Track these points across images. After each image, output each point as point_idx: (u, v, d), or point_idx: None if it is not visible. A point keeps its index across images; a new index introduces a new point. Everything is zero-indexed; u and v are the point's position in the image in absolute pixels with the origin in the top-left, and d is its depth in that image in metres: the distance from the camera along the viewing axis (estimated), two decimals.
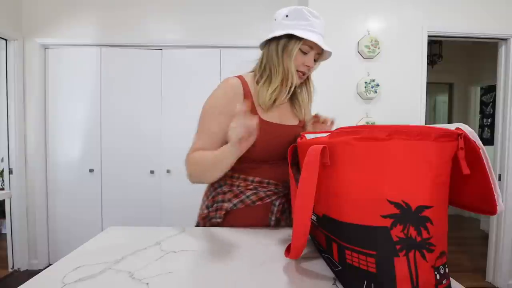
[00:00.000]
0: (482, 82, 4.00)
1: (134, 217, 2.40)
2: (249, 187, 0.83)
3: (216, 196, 0.87)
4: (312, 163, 0.46)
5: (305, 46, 0.80)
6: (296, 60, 0.81)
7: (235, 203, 0.83)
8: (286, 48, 0.81)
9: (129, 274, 0.51)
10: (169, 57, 2.41)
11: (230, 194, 0.84)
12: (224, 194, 0.85)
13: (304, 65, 0.82)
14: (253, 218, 0.83)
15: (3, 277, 2.29)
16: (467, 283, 2.29)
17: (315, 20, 0.80)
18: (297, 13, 0.79)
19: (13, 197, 2.28)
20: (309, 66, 0.83)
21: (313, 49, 0.81)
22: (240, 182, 0.84)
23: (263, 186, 0.84)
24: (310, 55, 0.82)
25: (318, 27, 0.80)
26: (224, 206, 0.83)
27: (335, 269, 0.50)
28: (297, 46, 0.79)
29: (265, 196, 0.83)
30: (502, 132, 2.29)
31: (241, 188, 0.84)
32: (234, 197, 0.84)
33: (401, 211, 0.38)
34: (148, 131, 2.43)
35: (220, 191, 0.86)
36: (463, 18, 2.15)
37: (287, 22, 0.80)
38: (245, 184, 0.84)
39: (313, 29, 0.79)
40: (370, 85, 2.05)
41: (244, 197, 0.83)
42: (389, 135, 0.39)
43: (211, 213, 0.85)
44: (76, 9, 2.38)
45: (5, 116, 2.31)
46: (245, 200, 0.83)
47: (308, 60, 0.82)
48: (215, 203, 0.86)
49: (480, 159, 0.40)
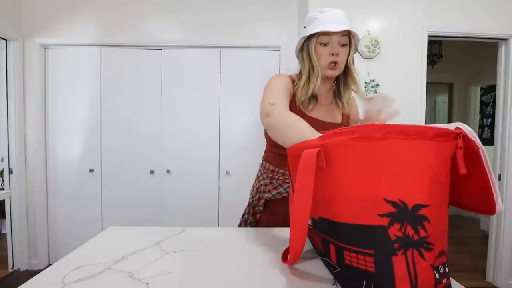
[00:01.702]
0: (482, 82, 4.00)
1: (134, 217, 2.40)
2: (286, 180, 0.93)
3: (259, 187, 0.97)
4: (307, 167, 0.46)
5: (322, 38, 0.85)
6: (320, 55, 0.86)
7: (274, 194, 0.92)
8: (307, 50, 0.88)
9: (129, 274, 0.51)
10: (169, 57, 2.41)
11: (271, 186, 0.94)
12: (266, 185, 0.95)
13: (329, 54, 0.86)
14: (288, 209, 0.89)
15: (3, 277, 2.29)
16: (467, 283, 2.29)
17: (323, 14, 0.85)
18: (308, 19, 0.88)
19: (13, 197, 2.29)
20: (335, 53, 0.85)
21: (331, 36, 0.85)
22: (280, 176, 0.93)
23: None
24: (332, 44, 0.86)
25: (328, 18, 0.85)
26: (265, 196, 0.93)
27: (333, 271, 0.49)
28: (313, 41, 0.86)
29: None
30: (502, 132, 2.29)
31: (280, 182, 0.93)
32: (273, 189, 0.93)
33: (398, 210, 0.38)
34: (148, 131, 2.43)
35: (263, 183, 0.96)
36: (463, 18, 2.15)
37: (305, 31, 0.89)
38: (283, 178, 0.93)
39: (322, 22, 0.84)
40: (370, 85, 2.05)
41: (282, 189, 0.92)
42: (385, 134, 0.39)
43: (254, 202, 0.95)
44: (76, 9, 2.38)
45: (5, 116, 2.31)
46: (282, 192, 0.92)
47: (331, 49, 0.86)
48: (258, 193, 0.96)
49: (479, 158, 0.40)
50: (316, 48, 0.86)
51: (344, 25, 0.83)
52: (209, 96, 2.42)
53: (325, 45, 0.85)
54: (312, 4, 2.06)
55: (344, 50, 0.87)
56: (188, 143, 2.42)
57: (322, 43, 0.85)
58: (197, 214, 2.38)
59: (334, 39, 0.85)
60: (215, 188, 2.40)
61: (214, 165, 2.42)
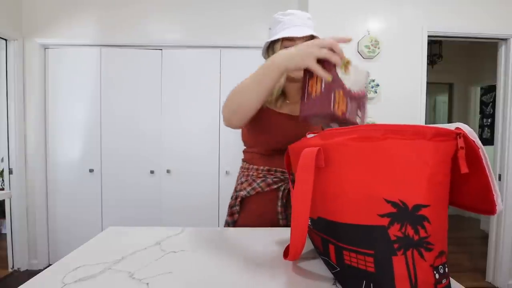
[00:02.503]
0: (482, 82, 4.00)
1: (134, 217, 2.40)
2: (259, 175, 0.92)
3: (237, 187, 0.97)
4: (307, 166, 0.46)
5: (286, 43, 0.85)
6: None
7: (249, 190, 0.91)
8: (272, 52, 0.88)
9: (129, 274, 0.51)
10: (169, 57, 2.41)
11: (246, 183, 0.93)
12: (241, 184, 0.95)
13: None
14: (263, 204, 0.90)
15: (3, 277, 2.29)
16: (467, 283, 2.30)
17: (286, 18, 0.85)
18: (272, 21, 0.88)
19: (13, 197, 2.29)
20: None
21: (295, 41, 0.84)
22: (253, 172, 0.93)
23: (271, 173, 0.91)
24: None
25: (291, 22, 0.84)
26: (240, 194, 0.93)
27: (333, 271, 0.50)
28: (278, 46, 0.85)
29: (272, 182, 0.90)
30: (502, 132, 2.29)
31: (253, 177, 0.92)
32: (248, 185, 0.92)
33: (398, 210, 0.38)
34: (148, 131, 2.43)
35: (239, 182, 0.96)
36: (463, 18, 2.15)
37: (270, 34, 0.88)
38: (256, 173, 0.92)
39: (286, 26, 0.84)
40: (370, 85, 2.05)
41: (256, 184, 0.91)
42: (384, 134, 0.39)
43: (232, 202, 0.95)
44: (76, 9, 2.38)
45: (5, 116, 2.31)
46: (256, 187, 0.91)
47: None
48: (236, 192, 0.96)
49: (479, 158, 0.40)
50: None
51: (308, 29, 0.83)
52: (209, 96, 2.42)
53: None
54: (312, 5, 2.06)
55: None
56: (188, 143, 2.42)
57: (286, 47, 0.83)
58: (197, 214, 2.38)
59: (298, 43, 0.83)
60: (215, 188, 2.41)
61: (214, 165, 2.42)
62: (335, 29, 2.07)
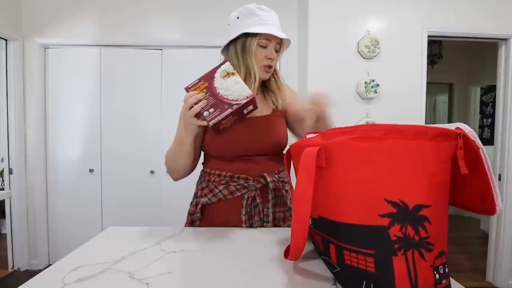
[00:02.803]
0: (482, 82, 4.00)
1: (134, 217, 2.40)
2: (221, 182, 0.86)
3: (197, 192, 0.91)
4: (308, 165, 0.46)
5: (262, 40, 0.82)
6: (257, 55, 0.83)
7: (210, 197, 0.86)
8: (244, 47, 0.83)
9: (129, 274, 0.51)
10: (169, 57, 2.41)
11: (207, 189, 0.88)
12: (202, 189, 0.89)
13: (267, 58, 0.84)
14: (226, 212, 0.85)
15: (3, 277, 2.29)
16: (467, 283, 2.30)
17: (265, 13, 0.82)
18: (247, 12, 0.83)
19: (13, 197, 2.29)
20: (272, 58, 0.84)
21: (271, 41, 0.83)
22: (215, 178, 0.87)
23: (234, 180, 0.85)
24: (270, 48, 0.83)
25: (270, 19, 0.82)
26: (201, 201, 0.87)
27: (333, 270, 0.50)
28: (254, 42, 0.82)
29: (235, 190, 0.85)
30: (502, 132, 2.29)
31: (215, 183, 0.87)
32: (209, 192, 0.87)
33: (398, 210, 0.38)
34: (148, 131, 2.43)
35: (200, 187, 0.91)
36: (463, 18, 2.15)
37: (239, 23, 0.83)
38: (218, 180, 0.87)
39: (265, 21, 0.81)
40: (370, 85, 2.05)
41: (217, 191, 0.86)
42: (385, 134, 0.39)
43: (192, 209, 0.89)
44: (76, 9, 2.38)
45: (5, 116, 2.31)
46: (217, 194, 0.86)
47: (269, 53, 0.83)
48: (196, 198, 0.90)
49: (480, 158, 0.40)
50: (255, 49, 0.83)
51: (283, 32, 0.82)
52: None
53: (264, 47, 0.83)
54: (313, 5, 2.06)
55: (277, 55, 0.86)
56: None
57: (261, 46, 0.83)
58: None
59: (272, 43, 0.83)
60: None
61: None
62: (335, 29, 2.07)
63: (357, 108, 2.08)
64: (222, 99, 0.69)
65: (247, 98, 0.69)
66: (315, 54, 2.08)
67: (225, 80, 0.70)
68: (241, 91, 0.69)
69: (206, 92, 0.70)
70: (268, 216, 0.85)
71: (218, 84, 0.69)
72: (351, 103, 2.09)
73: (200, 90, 0.70)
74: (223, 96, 0.69)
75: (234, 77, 0.71)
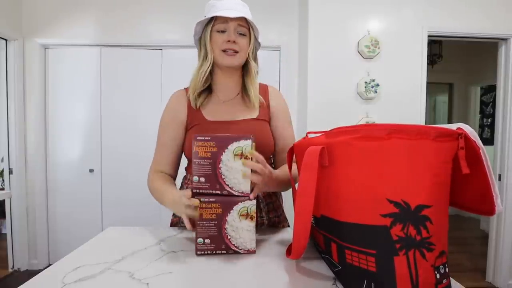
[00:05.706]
0: (482, 82, 4.00)
1: (134, 217, 2.40)
2: None
3: None
4: (311, 164, 0.46)
5: (218, 25, 0.81)
6: (215, 42, 0.81)
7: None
8: (203, 37, 0.83)
9: (129, 274, 0.51)
10: (169, 57, 2.41)
11: None
12: None
13: (225, 42, 0.81)
14: None
15: (3, 277, 2.29)
16: (467, 283, 2.30)
17: (219, 2, 0.81)
18: (207, 7, 0.84)
19: (13, 197, 2.28)
20: (232, 40, 0.80)
21: (228, 23, 0.80)
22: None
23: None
24: (229, 32, 0.81)
25: (227, 4, 0.81)
26: None
27: (334, 269, 0.50)
28: (208, 28, 0.82)
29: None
30: (502, 132, 2.29)
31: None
32: None
33: (400, 210, 0.38)
34: (148, 131, 2.42)
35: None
36: (463, 18, 2.15)
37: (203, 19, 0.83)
38: None
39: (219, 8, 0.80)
40: (370, 85, 2.05)
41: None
42: (388, 134, 0.39)
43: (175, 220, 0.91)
44: (76, 9, 2.38)
45: (5, 116, 2.31)
46: None
47: (227, 36, 0.81)
48: None
49: (480, 159, 0.40)
50: (212, 36, 0.81)
51: (241, 13, 0.80)
52: None
53: (222, 32, 0.81)
54: (313, 5, 2.06)
55: (244, 40, 0.82)
56: None
57: (219, 31, 0.81)
58: None
59: (231, 26, 0.80)
60: None
61: None
62: (335, 29, 2.07)
63: (357, 108, 2.08)
64: (218, 176, 0.62)
65: (241, 193, 0.62)
66: (315, 54, 2.08)
67: (235, 160, 0.61)
68: (240, 183, 0.62)
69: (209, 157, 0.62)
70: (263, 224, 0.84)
71: (225, 159, 0.61)
72: (351, 103, 2.08)
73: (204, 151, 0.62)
74: (221, 174, 0.61)
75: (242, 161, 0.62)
